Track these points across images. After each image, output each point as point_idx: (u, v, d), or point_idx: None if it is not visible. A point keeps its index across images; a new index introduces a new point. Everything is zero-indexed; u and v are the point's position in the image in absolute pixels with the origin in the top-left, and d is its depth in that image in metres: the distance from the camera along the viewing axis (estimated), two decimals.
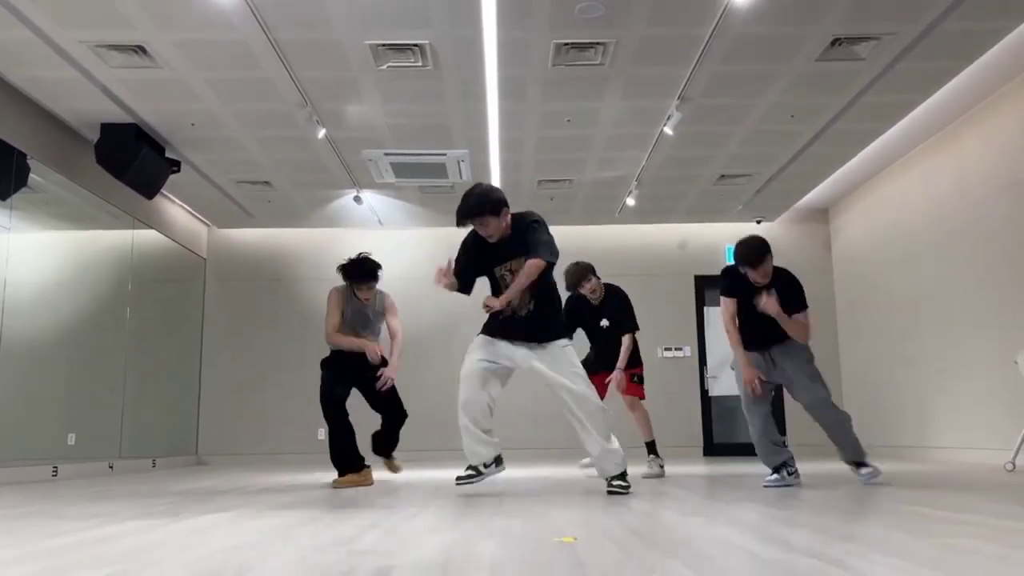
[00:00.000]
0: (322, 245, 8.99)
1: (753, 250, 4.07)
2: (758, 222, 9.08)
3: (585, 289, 5.28)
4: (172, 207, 8.33)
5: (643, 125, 6.41)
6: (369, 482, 4.74)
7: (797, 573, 1.59)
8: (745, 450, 8.44)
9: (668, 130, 6.26)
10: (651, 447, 5.35)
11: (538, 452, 8.39)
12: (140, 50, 5.04)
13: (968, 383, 6.55)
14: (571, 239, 9.68)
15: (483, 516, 2.78)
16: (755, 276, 4.10)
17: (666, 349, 8.91)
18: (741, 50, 5.18)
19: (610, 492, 3.69)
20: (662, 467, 5.28)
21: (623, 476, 3.71)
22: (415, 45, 5.06)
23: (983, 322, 6.33)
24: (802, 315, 4.15)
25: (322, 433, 8.69)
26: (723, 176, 7.68)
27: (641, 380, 5.36)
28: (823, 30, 4.94)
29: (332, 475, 5.08)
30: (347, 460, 4.69)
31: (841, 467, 5.77)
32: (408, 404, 4.89)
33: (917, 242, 7.31)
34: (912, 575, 1.55)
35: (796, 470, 4.20)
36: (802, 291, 4.20)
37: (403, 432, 4.91)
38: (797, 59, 5.31)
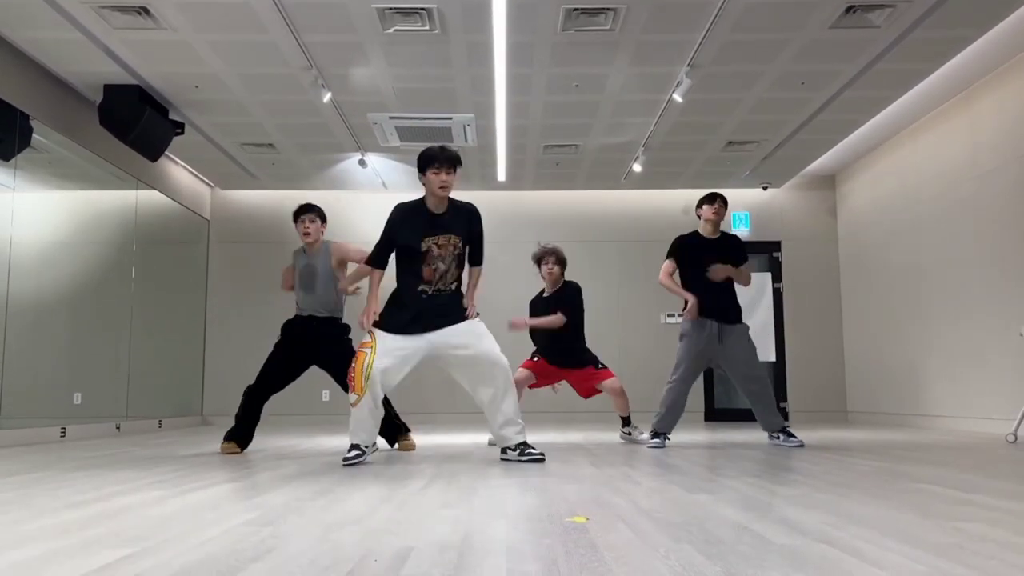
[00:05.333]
0: (326, 208, 8.80)
1: (714, 192, 5.14)
2: (764, 188, 9.02)
3: (543, 270, 5.39)
4: (175, 168, 8.28)
5: (652, 91, 6.34)
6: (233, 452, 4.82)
7: (810, 560, 1.61)
8: (745, 416, 8.53)
9: (677, 96, 6.20)
10: (628, 420, 5.49)
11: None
12: (143, 11, 4.97)
13: (972, 353, 6.57)
14: (576, 204, 9.68)
15: (492, 491, 2.81)
16: (713, 212, 5.02)
17: (668, 315, 8.92)
18: (753, 17, 5.10)
19: (521, 460, 3.91)
20: (643, 433, 5.44)
21: (527, 444, 3.97)
22: (422, 9, 4.98)
23: (988, 292, 6.33)
24: (744, 266, 5.08)
25: (327, 395, 8.77)
26: (731, 143, 7.62)
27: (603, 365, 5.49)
28: None
29: (339, 439, 5.13)
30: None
31: (841, 438, 5.82)
32: None
33: (924, 210, 7.28)
34: (925, 564, 1.57)
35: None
36: (744, 248, 5.15)
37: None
38: (810, 26, 5.23)
